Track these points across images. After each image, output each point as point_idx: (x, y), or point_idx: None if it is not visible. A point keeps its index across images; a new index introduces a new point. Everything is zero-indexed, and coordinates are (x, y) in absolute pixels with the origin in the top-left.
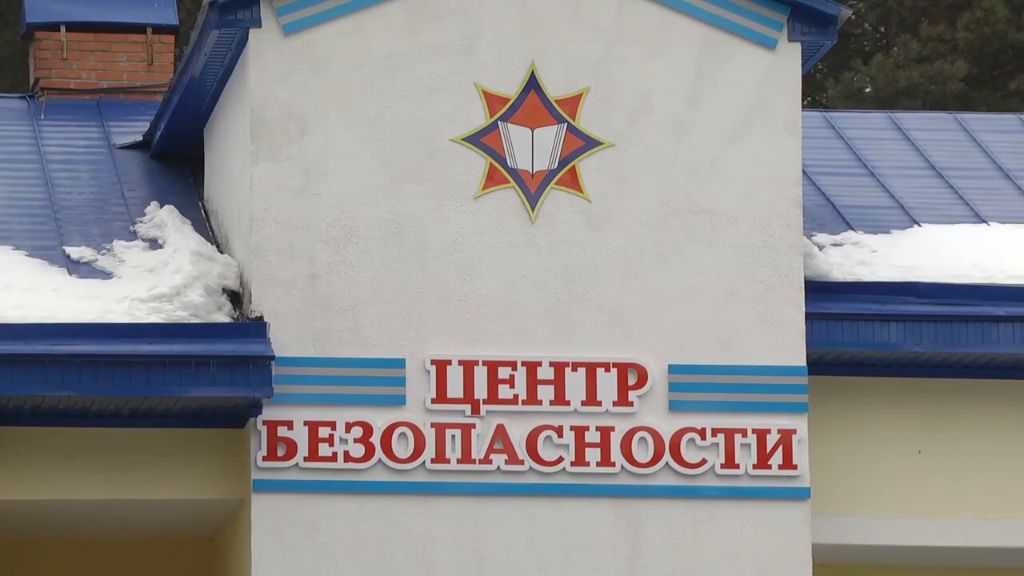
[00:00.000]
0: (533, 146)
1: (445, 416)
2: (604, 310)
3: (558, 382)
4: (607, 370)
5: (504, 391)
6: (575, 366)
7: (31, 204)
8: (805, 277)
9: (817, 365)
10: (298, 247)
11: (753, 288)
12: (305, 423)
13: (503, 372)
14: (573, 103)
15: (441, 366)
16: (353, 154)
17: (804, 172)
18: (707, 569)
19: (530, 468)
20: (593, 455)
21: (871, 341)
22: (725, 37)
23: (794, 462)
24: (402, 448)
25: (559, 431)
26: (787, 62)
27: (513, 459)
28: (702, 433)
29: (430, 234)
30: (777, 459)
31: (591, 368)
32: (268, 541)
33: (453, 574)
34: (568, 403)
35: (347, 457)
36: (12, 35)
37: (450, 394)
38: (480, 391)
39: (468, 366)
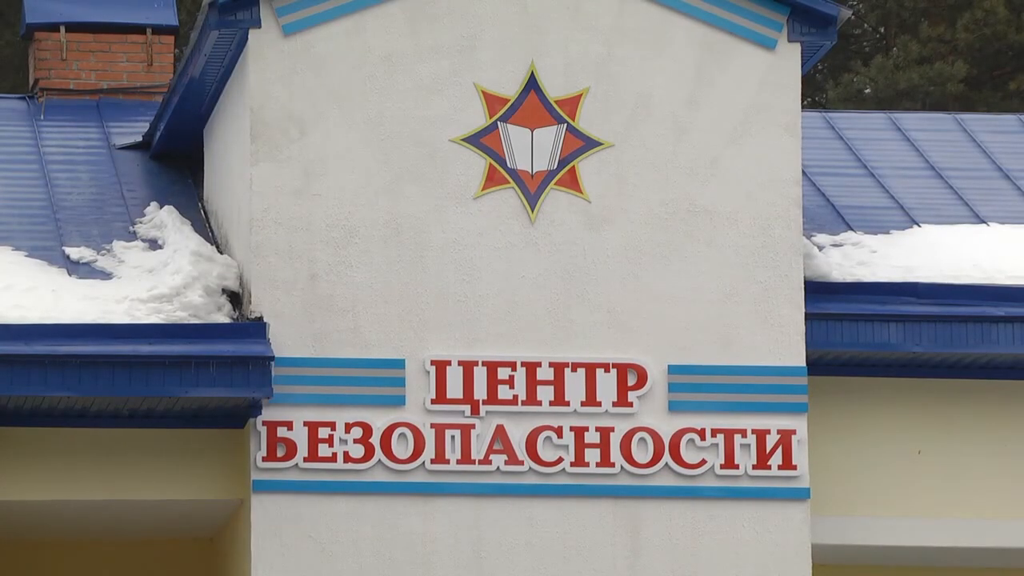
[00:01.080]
0: (533, 146)
1: (445, 416)
2: (604, 310)
3: (558, 383)
4: (607, 371)
5: (504, 391)
6: (575, 366)
7: (31, 204)
8: (805, 277)
9: (817, 365)
10: (298, 247)
11: (753, 288)
12: (305, 423)
13: (503, 372)
14: (573, 103)
15: (441, 366)
16: (353, 154)
17: (804, 172)
18: (707, 569)
19: (530, 469)
20: (593, 456)
21: (871, 341)
22: (725, 37)
23: (794, 462)
24: (402, 448)
25: (559, 432)
26: (787, 62)
27: (513, 460)
28: (702, 433)
29: (430, 234)
30: (777, 459)
31: (591, 369)
32: (268, 541)
33: (453, 574)
34: (568, 404)
35: (347, 457)
36: (12, 35)
37: (450, 394)
38: (480, 391)
39: (468, 366)
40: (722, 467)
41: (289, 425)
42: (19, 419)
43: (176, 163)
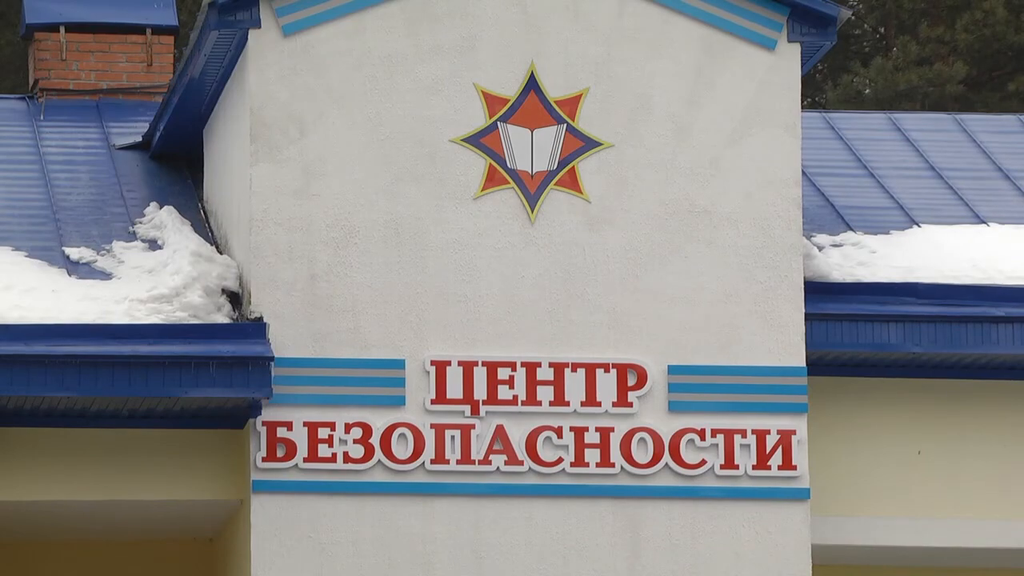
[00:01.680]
0: (533, 147)
1: (445, 417)
2: (604, 311)
3: (557, 383)
4: (607, 371)
5: (504, 392)
6: (575, 367)
7: (31, 205)
8: (805, 278)
9: (817, 366)
10: (297, 248)
11: (753, 289)
12: (305, 424)
13: (503, 373)
14: (573, 104)
15: (441, 367)
16: (353, 155)
17: (804, 173)
18: (707, 570)
19: (530, 469)
20: (593, 456)
21: (871, 342)
22: (725, 38)
23: (794, 463)
24: (402, 449)
25: (559, 432)
26: (787, 63)
27: (513, 460)
28: (701, 434)
29: (430, 235)
30: (777, 460)
31: (591, 369)
32: (268, 541)
33: (453, 574)
34: (568, 404)
35: (347, 458)
36: (12, 36)
37: (450, 395)
38: (480, 392)
39: (468, 367)
40: (722, 467)
41: (289, 425)
42: (19, 419)
43: (176, 163)
